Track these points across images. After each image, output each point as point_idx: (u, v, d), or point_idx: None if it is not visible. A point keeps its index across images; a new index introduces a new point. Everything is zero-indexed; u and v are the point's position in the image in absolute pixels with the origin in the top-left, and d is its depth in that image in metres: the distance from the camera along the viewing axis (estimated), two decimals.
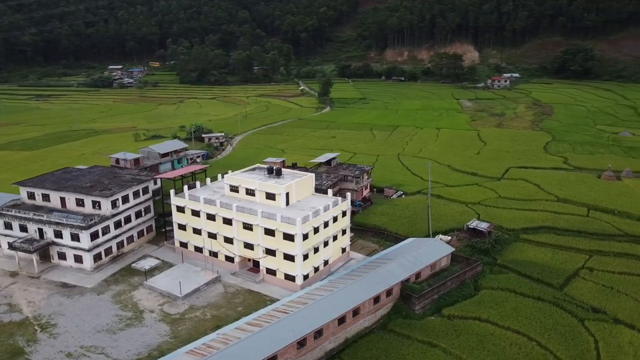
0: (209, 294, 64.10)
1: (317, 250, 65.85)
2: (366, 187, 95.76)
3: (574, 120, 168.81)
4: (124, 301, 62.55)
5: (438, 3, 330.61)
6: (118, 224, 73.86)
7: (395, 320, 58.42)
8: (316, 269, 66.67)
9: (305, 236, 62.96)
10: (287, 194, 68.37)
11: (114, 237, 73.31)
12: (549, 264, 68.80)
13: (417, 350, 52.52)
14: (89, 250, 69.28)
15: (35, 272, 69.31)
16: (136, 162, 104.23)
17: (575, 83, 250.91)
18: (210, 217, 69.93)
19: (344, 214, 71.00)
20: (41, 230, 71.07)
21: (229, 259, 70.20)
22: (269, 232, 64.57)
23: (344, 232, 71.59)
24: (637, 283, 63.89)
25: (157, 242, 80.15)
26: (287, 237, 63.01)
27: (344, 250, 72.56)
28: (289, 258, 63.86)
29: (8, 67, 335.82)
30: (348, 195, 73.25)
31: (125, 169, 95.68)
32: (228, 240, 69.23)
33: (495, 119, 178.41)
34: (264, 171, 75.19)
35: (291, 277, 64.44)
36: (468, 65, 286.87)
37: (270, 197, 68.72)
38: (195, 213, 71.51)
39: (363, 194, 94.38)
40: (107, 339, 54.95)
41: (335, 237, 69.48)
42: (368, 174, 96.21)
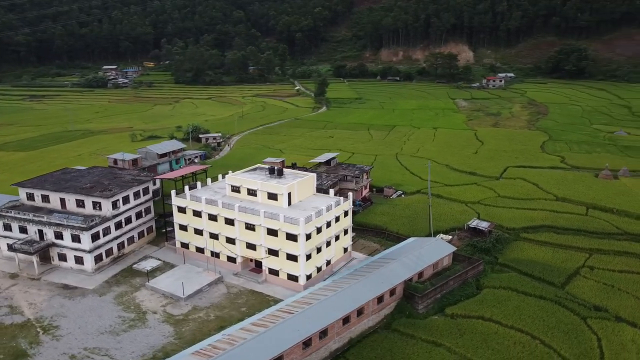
0: (212, 294, 63.93)
1: (319, 250, 65.87)
2: (366, 186, 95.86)
3: (569, 120, 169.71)
4: (127, 302, 62.24)
5: (433, 3, 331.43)
6: (119, 225, 73.55)
7: (398, 319, 58.51)
8: (319, 269, 66.70)
9: (308, 236, 62.96)
10: (289, 194, 68.31)
11: (115, 238, 72.98)
12: (550, 263, 69.15)
13: (421, 350, 52.64)
14: (90, 251, 68.92)
15: (36, 274, 68.88)
16: (134, 163, 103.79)
17: (570, 83, 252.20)
18: (212, 217, 69.72)
19: (346, 213, 71.11)
20: (41, 231, 70.61)
21: (231, 260, 70.05)
22: (272, 232, 64.47)
23: (345, 232, 71.69)
24: (637, 281, 64.36)
25: (157, 242, 79.89)
26: (290, 237, 62.96)
27: (345, 250, 72.66)
28: (291, 258, 63.81)
29: (1, 68, 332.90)
30: (350, 195, 73.32)
31: (123, 169, 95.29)
32: (230, 241, 69.08)
33: (491, 118, 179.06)
34: (265, 171, 75.07)
35: (294, 277, 64.40)
36: (463, 65, 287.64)
37: (272, 197, 68.63)
38: (197, 213, 71.30)
39: (363, 193, 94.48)
40: (110, 340, 54.66)
41: (337, 237, 69.56)
42: (367, 173, 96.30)
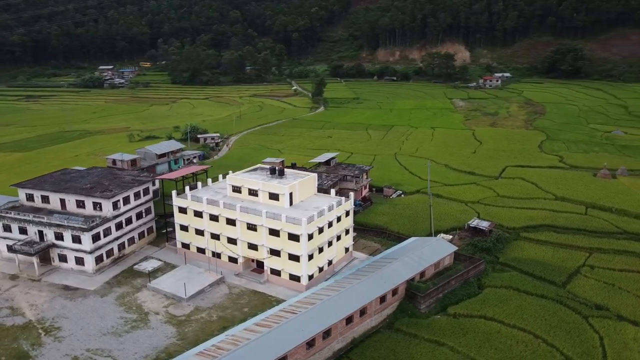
0: (214, 295, 63.81)
1: (321, 250, 65.86)
2: (365, 186, 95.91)
3: (566, 119, 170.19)
4: (128, 303, 62.06)
5: (429, 3, 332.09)
6: (119, 226, 73.31)
7: (401, 319, 58.58)
8: (320, 269, 66.69)
9: (311, 236, 62.95)
10: (291, 194, 68.29)
11: (116, 239, 72.75)
12: (551, 262, 69.38)
13: (425, 349, 52.73)
14: (91, 252, 68.66)
15: (36, 275, 68.57)
16: (133, 163, 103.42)
17: (566, 82, 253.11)
18: (213, 217, 69.60)
19: (347, 213, 71.13)
20: (41, 232, 70.30)
21: (232, 260, 69.95)
22: (274, 232, 64.43)
23: (347, 231, 71.71)
24: (638, 280, 64.67)
25: (157, 243, 79.69)
26: (292, 238, 62.93)
27: (347, 250, 72.69)
28: (294, 258, 63.78)
29: None
30: (351, 195, 73.33)
31: (122, 170, 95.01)
32: (231, 241, 68.97)
33: (488, 118, 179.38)
34: (266, 171, 74.98)
35: (296, 278, 64.37)
36: (459, 65, 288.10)
37: (273, 197, 68.56)
38: (198, 214, 71.17)
39: (362, 193, 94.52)
40: (113, 341, 54.49)
41: (339, 237, 69.57)
42: (367, 173, 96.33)
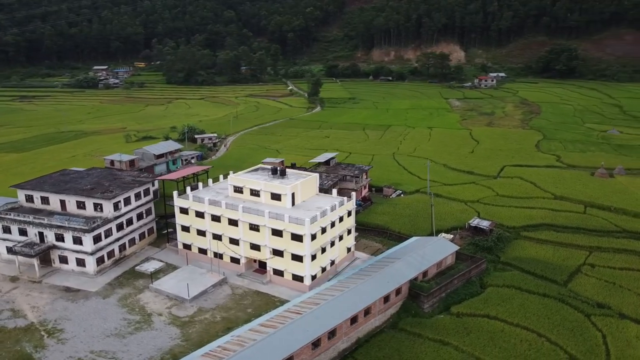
0: (217, 296, 63.63)
1: (324, 250, 65.85)
2: (365, 186, 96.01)
3: (562, 119, 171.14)
4: (131, 304, 61.75)
5: (424, 3, 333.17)
6: (120, 227, 72.95)
7: (405, 319, 58.67)
8: (323, 269, 66.67)
9: (314, 236, 62.91)
10: (293, 195, 68.24)
11: (117, 240, 72.39)
12: (551, 261, 69.70)
13: (429, 349, 52.85)
14: (92, 253, 68.29)
15: (37, 277, 68.08)
16: (132, 164, 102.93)
17: (560, 82, 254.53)
18: (215, 218, 69.40)
19: (349, 213, 71.15)
20: (42, 233, 69.85)
21: (235, 261, 69.79)
22: (277, 232, 64.33)
23: (349, 231, 71.70)
24: (638, 278, 65.07)
25: (158, 244, 79.34)
26: (295, 238, 62.86)
27: (349, 250, 72.71)
28: (297, 259, 63.72)
29: None
30: (353, 195, 73.41)
31: (122, 170, 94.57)
32: (234, 242, 68.80)
33: (485, 118, 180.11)
34: (267, 172, 74.85)
35: (299, 278, 64.31)
36: (454, 64, 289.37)
37: (275, 197, 68.47)
38: (200, 214, 70.94)
39: (362, 193, 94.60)
40: (117, 343, 54.21)
41: (341, 237, 69.55)
42: (367, 173, 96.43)
